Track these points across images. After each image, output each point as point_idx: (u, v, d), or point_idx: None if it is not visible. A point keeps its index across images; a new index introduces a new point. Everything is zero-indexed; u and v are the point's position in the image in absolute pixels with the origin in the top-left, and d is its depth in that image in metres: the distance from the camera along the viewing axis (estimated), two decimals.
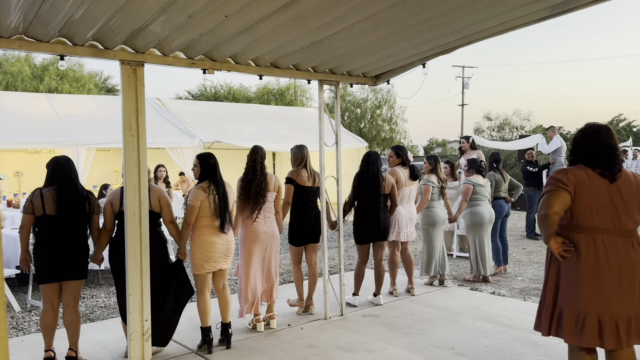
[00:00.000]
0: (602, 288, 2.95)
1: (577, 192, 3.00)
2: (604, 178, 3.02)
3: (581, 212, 3.01)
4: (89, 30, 3.45)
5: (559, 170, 3.12)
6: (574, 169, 3.08)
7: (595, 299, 2.95)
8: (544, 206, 3.05)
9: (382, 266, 5.71)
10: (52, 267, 3.90)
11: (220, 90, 30.71)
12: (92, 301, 6.08)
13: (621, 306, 2.94)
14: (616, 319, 2.93)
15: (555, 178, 3.07)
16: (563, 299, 3.08)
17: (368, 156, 5.66)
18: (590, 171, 3.04)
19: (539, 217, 3.09)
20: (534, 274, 7.24)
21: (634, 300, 2.97)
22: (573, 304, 3.01)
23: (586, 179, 3.01)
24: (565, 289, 3.07)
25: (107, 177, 12.02)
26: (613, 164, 3.03)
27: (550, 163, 10.75)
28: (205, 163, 4.34)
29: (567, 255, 3.06)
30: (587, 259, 2.98)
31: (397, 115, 31.37)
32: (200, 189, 4.27)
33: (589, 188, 3.00)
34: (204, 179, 4.33)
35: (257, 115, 14.08)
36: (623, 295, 2.95)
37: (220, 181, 4.34)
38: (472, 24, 3.80)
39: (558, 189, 3.01)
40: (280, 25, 3.59)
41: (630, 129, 37.90)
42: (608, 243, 2.98)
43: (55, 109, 10.68)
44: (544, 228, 3.07)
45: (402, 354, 4.25)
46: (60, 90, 25.55)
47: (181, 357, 4.23)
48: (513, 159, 19.38)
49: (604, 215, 2.99)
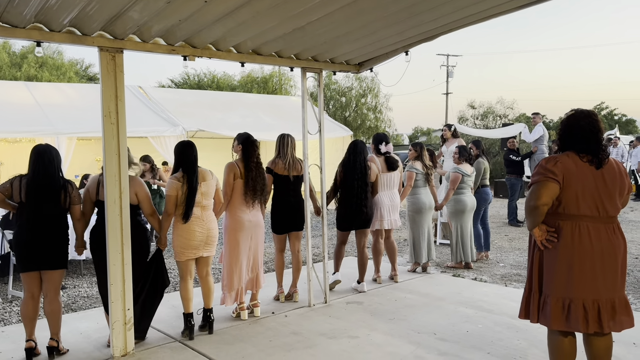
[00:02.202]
0: (586, 273, 2.99)
1: (565, 181, 3.01)
2: (591, 165, 3.04)
3: (568, 201, 3.04)
4: (66, 15, 3.39)
5: (548, 158, 3.11)
6: (562, 157, 3.08)
7: (581, 285, 2.99)
8: (533, 197, 3.06)
9: (366, 254, 5.74)
10: (29, 255, 3.88)
11: (204, 78, 30.40)
12: (75, 291, 6.03)
13: (605, 291, 3.00)
14: (599, 303, 2.99)
15: (544, 167, 3.06)
16: (548, 285, 3.11)
17: (355, 145, 5.67)
18: (577, 159, 3.05)
19: (528, 208, 3.10)
20: (516, 260, 7.34)
21: (616, 284, 3.03)
22: (559, 290, 3.04)
23: (574, 168, 3.03)
24: (550, 275, 3.10)
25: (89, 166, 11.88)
26: (600, 150, 3.06)
27: (533, 151, 10.86)
28: (178, 153, 4.34)
29: (549, 246, 3.08)
30: (573, 245, 3.01)
31: (382, 104, 31.39)
32: (174, 179, 4.26)
33: (576, 177, 3.02)
34: (177, 170, 4.32)
35: (241, 104, 14.01)
36: (606, 280, 3.00)
37: (195, 171, 4.28)
38: (452, 12, 3.81)
39: (547, 179, 3.02)
40: (261, 11, 3.56)
41: (612, 117, 38.47)
42: (592, 230, 3.02)
43: (35, 97, 10.50)
44: (532, 218, 3.09)
45: (385, 339, 4.30)
46: (39, 78, 25.07)
47: (164, 346, 4.22)
48: (496, 147, 19.52)
49: (589, 203, 3.02)
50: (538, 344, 4.08)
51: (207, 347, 4.17)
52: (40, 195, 3.87)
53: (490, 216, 11.38)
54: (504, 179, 13.12)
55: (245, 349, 4.13)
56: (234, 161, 4.72)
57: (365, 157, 5.64)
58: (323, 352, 4.06)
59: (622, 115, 39.82)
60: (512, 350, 4.02)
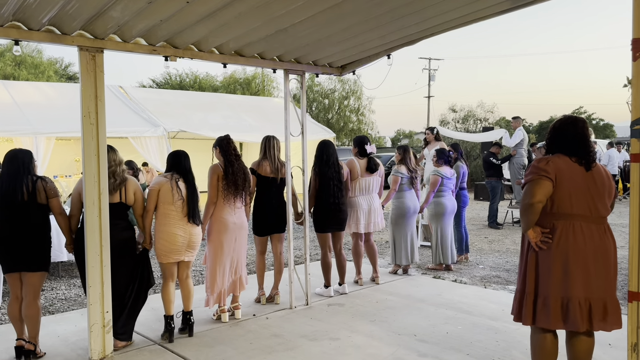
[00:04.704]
0: (580, 272, 3.03)
1: (557, 180, 3.06)
2: (581, 165, 3.10)
3: (561, 200, 3.08)
4: (45, 14, 3.34)
5: (540, 158, 3.16)
6: (553, 157, 3.14)
7: (576, 283, 3.03)
8: (527, 195, 3.10)
9: (343, 255, 5.74)
10: (8, 256, 3.86)
11: (186, 78, 30.19)
12: (52, 293, 5.94)
13: (597, 290, 3.04)
14: (590, 302, 3.03)
15: (537, 167, 3.11)
16: (545, 286, 3.11)
17: (328, 145, 5.61)
18: (567, 159, 3.11)
19: (523, 206, 3.13)
20: (495, 262, 7.43)
21: (608, 284, 3.08)
22: (558, 289, 3.06)
23: (565, 167, 3.08)
24: (547, 275, 3.10)
25: (68, 167, 11.73)
26: (588, 154, 3.13)
27: (512, 155, 11.01)
28: (171, 158, 4.44)
29: (544, 247, 3.11)
30: (567, 244, 3.05)
31: (365, 107, 31.54)
32: (162, 176, 4.32)
33: (568, 176, 3.07)
34: (168, 172, 4.40)
35: (224, 105, 13.93)
36: (599, 280, 3.05)
37: (190, 173, 4.38)
38: (434, 16, 3.84)
39: (540, 177, 3.07)
40: (244, 12, 3.55)
41: (590, 121, 39.16)
42: (585, 229, 3.07)
43: (12, 96, 10.29)
44: (527, 216, 3.11)
45: (365, 341, 4.31)
46: (17, 77, 24.64)
47: (143, 349, 4.18)
48: (477, 150, 19.73)
49: (582, 202, 3.07)
50: (517, 345, 4.14)
51: (187, 350, 4.14)
52: (9, 195, 3.80)
53: (470, 218, 11.52)
54: (484, 182, 13.27)
55: (226, 351, 4.11)
56: (217, 163, 4.71)
57: (337, 156, 5.63)
58: (304, 354, 4.06)
59: (599, 119, 40.57)
60: (491, 351, 4.06)
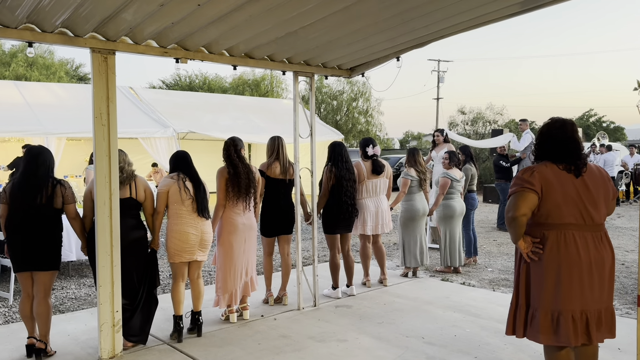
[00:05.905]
0: (575, 285, 2.94)
1: (544, 190, 2.97)
2: (569, 173, 3.00)
3: (550, 210, 2.98)
4: (59, 16, 3.38)
5: (524, 169, 3.07)
6: (539, 166, 3.05)
7: (569, 296, 2.94)
8: (511, 208, 3.02)
9: (351, 257, 5.75)
10: (20, 256, 3.90)
11: (195, 80, 30.34)
12: (63, 292, 5.99)
13: (592, 302, 2.96)
14: (587, 314, 2.94)
15: (520, 178, 3.02)
16: (536, 299, 3.04)
17: (341, 146, 5.66)
18: (555, 167, 3.01)
19: (507, 219, 3.05)
20: (504, 265, 7.40)
21: (603, 295, 2.99)
22: (548, 303, 2.98)
23: (552, 176, 2.99)
24: (539, 288, 3.03)
25: (79, 167, 11.82)
26: (577, 159, 3.03)
27: (522, 158, 10.94)
28: (173, 160, 4.47)
29: (535, 258, 3.03)
30: (559, 255, 2.96)
31: (373, 108, 31.50)
32: (168, 177, 4.36)
33: (555, 185, 2.97)
34: (173, 172, 4.44)
35: (233, 106, 13.99)
36: (594, 291, 2.96)
37: (193, 172, 4.40)
38: (443, 19, 3.85)
39: (524, 189, 2.98)
40: (255, 15, 3.58)
41: (600, 124, 38.87)
42: (579, 238, 2.96)
43: (24, 96, 10.43)
44: (512, 230, 3.04)
45: (373, 343, 4.32)
46: (28, 77, 24.88)
47: (152, 348, 4.21)
48: (486, 152, 19.65)
49: (573, 211, 2.97)
50: (525, 348, 4.12)
51: (195, 350, 4.17)
52: (27, 196, 3.85)
53: (479, 221, 11.47)
54: (493, 184, 13.22)
55: (234, 352, 4.13)
56: (224, 165, 4.74)
57: (349, 157, 5.66)
58: (311, 356, 4.07)
59: (610, 122, 40.26)
60: (499, 354, 4.05)
